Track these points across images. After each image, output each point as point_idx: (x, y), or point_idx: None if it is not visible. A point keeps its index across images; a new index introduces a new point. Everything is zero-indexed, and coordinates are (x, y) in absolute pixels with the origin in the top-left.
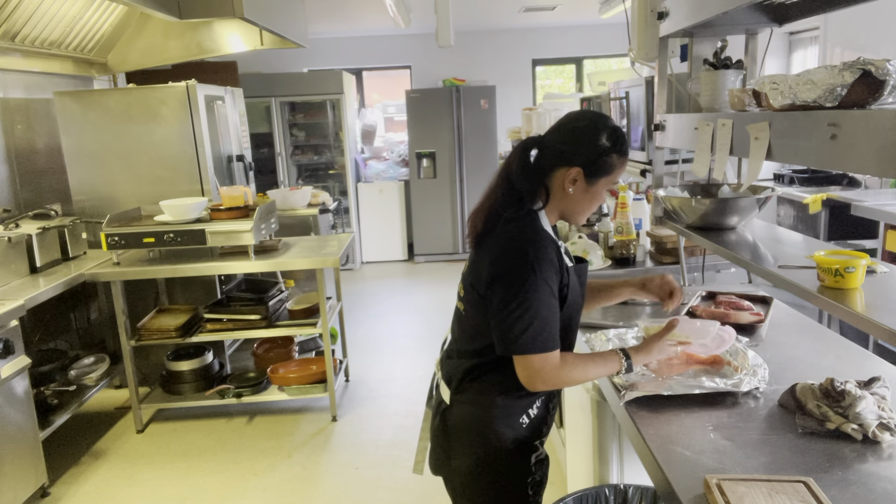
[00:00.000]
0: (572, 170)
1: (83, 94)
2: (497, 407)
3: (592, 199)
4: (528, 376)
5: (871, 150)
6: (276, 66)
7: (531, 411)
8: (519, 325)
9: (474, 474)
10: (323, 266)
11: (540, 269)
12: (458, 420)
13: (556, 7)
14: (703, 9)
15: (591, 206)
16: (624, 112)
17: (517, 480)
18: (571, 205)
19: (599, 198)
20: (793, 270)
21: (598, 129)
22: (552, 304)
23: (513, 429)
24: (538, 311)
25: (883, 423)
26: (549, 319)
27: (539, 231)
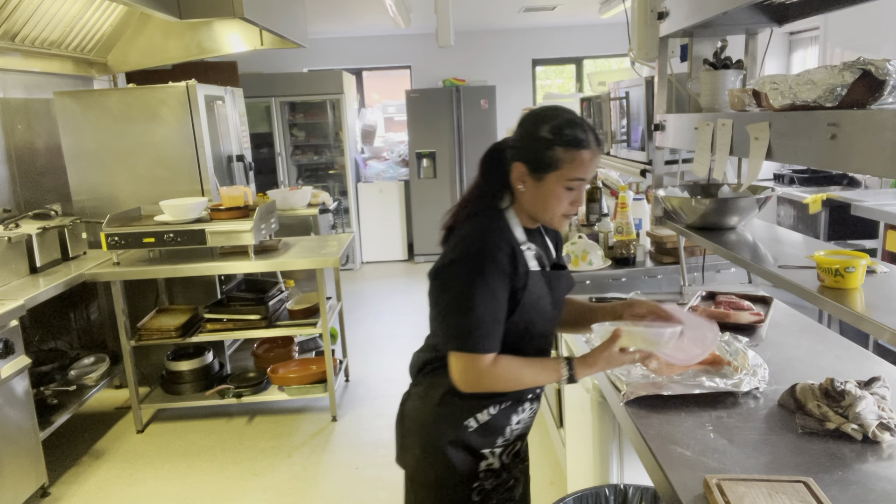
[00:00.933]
0: (517, 166)
1: (83, 94)
2: (442, 404)
3: (548, 198)
4: (454, 375)
5: (871, 150)
6: (276, 66)
7: (480, 416)
8: (451, 321)
9: (418, 469)
10: (323, 266)
11: (483, 267)
12: (410, 412)
13: (556, 7)
14: (703, 9)
15: (550, 204)
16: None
17: (459, 484)
18: (529, 204)
19: (558, 195)
20: (793, 270)
21: (540, 122)
22: (492, 304)
23: (455, 430)
24: (473, 309)
25: (883, 423)
26: (484, 319)
27: (496, 230)
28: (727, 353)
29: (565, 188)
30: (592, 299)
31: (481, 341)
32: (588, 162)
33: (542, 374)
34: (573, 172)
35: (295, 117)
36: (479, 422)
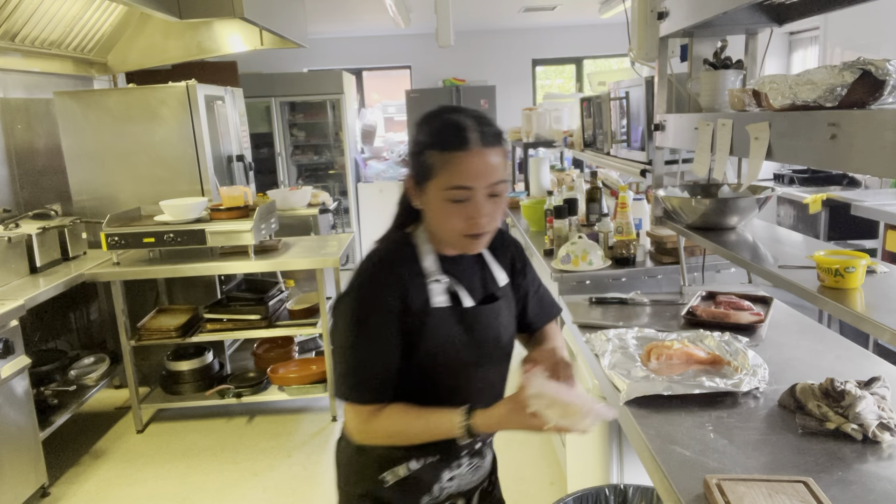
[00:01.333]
0: (407, 178)
1: (83, 94)
2: (360, 451)
3: (436, 214)
4: (345, 424)
5: (871, 150)
6: (276, 66)
7: (398, 470)
8: (336, 366)
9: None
10: (323, 266)
11: (362, 307)
12: (337, 451)
13: (556, 7)
14: (703, 9)
15: (440, 222)
16: (624, 112)
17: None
18: (429, 224)
19: (444, 210)
20: (793, 270)
21: (419, 124)
22: (372, 349)
23: (368, 483)
24: (350, 355)
25: (883, 423)
26: (362, 366)
27: (386, 261)
28: (727, 353)
29: (449, 200)
30: (592, 299)
31: (356, 390)
32: (469, 166)
33: (435, 428)
34: (451, 180)
35: (295, 117)
36: (397, 476)
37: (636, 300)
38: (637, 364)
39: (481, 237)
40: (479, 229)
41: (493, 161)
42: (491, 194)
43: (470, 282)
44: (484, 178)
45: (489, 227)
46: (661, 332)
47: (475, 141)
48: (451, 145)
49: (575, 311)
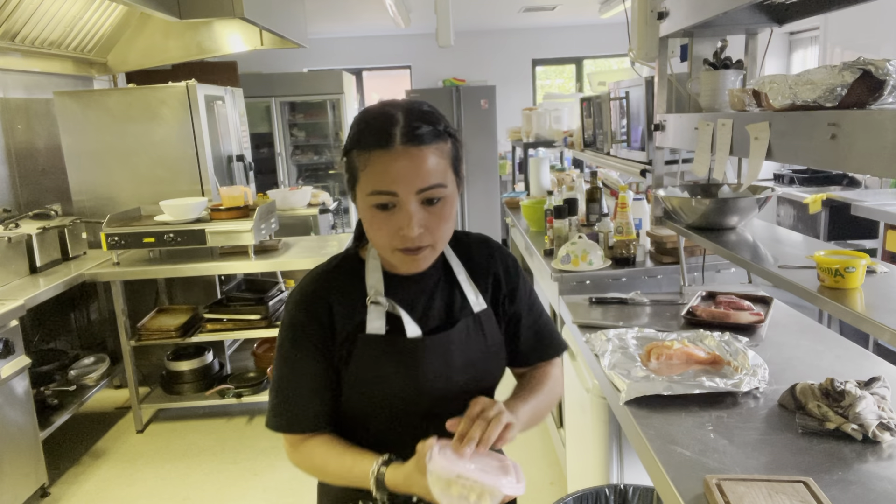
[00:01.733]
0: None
1: (83, 94)
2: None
3: (366, 223)
4: None
5: (871, 150)
6: (276, 66)
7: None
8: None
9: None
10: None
11: (286, 328)
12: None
13: (556, 7)
14: (703, 9)
15: (370, 233)
16: (624, 112)
17: None
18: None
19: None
20: (793, 270)
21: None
22: (292, 375)
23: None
24: (275, 380)
25: (883, 423)
26: (280, 393)
27: (318, 277)
28: (727, 353)
29: (374, 207)
30: (592, 299)
31: (277, 417)
32: (391, 167)
33: (349, 473)
34: (372, 183)
35: (295, 117)
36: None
37: (636, 300)
38: (637, 364)
39: (417, 253)
40: (411, 243)
41: (423, 162)
42: (426, 201)
43: (425, 306)
44: (410, 182)
45: (426, 240)
46: (661, 332)
47: (399, 137)
48: (372, 143)
49: (575, 311)
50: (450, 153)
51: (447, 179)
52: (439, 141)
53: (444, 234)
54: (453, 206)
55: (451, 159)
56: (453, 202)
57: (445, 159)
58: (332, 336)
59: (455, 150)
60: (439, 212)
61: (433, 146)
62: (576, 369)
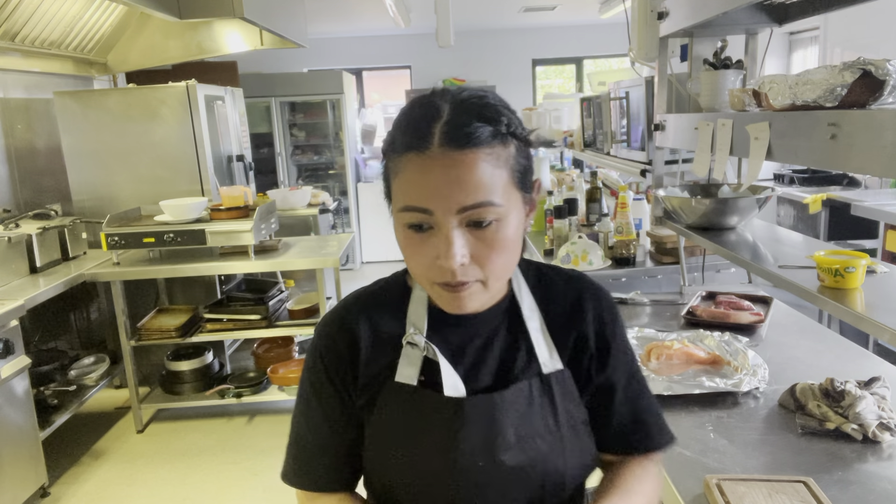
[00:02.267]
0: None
1: (83, 94)
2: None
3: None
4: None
5: (871, 150)
6: (276, 66)
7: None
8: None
9: None
10: (323, 266)
11: (306, 366)
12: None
13: (556, 7)
14: (703, 9)
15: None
16: (624, 112)
17: None
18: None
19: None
20: (793, 270)
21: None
22: (306, 423)
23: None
24: (294, 426)
25: (883, 423)
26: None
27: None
28: (727, 353)
29: (407, 227)
30: None
31: (287, 468)
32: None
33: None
34: (401, 197)
35: (295, 117)
36: None
37: (636, 300)
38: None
39: (460, 290)
40: (451, 277)
41: (468, 171)
42: (472, 223)
43: (477, 357)
44: (449, 197)
45: (471, 274)
46: (661, 332)
47: (438, 137)
48: (405, 144)
49: None
50: (512, 161)
51: (504, 196)
52: (496, 144)
53: (500, 267)
54: (515, 231)
55: (514, 169)
56: (514, 226)
57: (504, 169)
58: (355, 379)
59: (522, 157)
60: (491, 238)
61: (485, 150)
62: None
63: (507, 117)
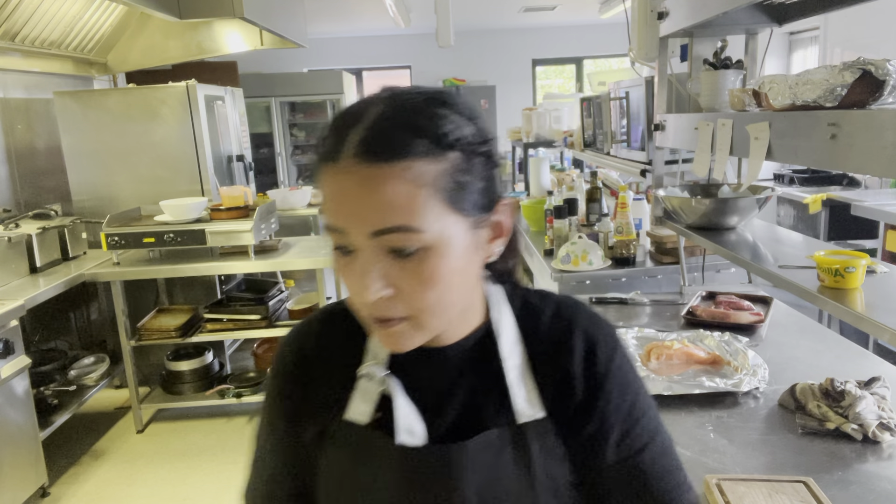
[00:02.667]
0: None
1: (83, 94)
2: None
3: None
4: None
5: (871, 150)
6: (276, 66)
7: None
8: None
9: None
10: (323, 266)
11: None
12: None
13: (556, 7)
14: (703, 9)
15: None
16: (624, 112)
17: None
18: None
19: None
20: (793, 270)
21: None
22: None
23: None
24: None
25: (883, 423)
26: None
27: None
28: (727, 353)
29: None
30: (592, 299)
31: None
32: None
33: None
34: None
35: (295, 117)
36: None
37: (636, 300)
38: (637, 364)
39: (388, 325)
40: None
41: (378, 189)
42: (394, 249)
43: (440, 398)
44: (361, 218)
45: (396, 309)
46: (661, 332)
47: (352, 146)
48: (322, 152)
49: None
50: (447, 178)
51: (433, 220)
52: (422, 157)
53: (433, 303)
54: (455, 262)
55: (449, 189)
56: (454, 257)
57: (431, 188)
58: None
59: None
60: (416, 270)
61: (404, 163)
62: None
63: (449, 125)
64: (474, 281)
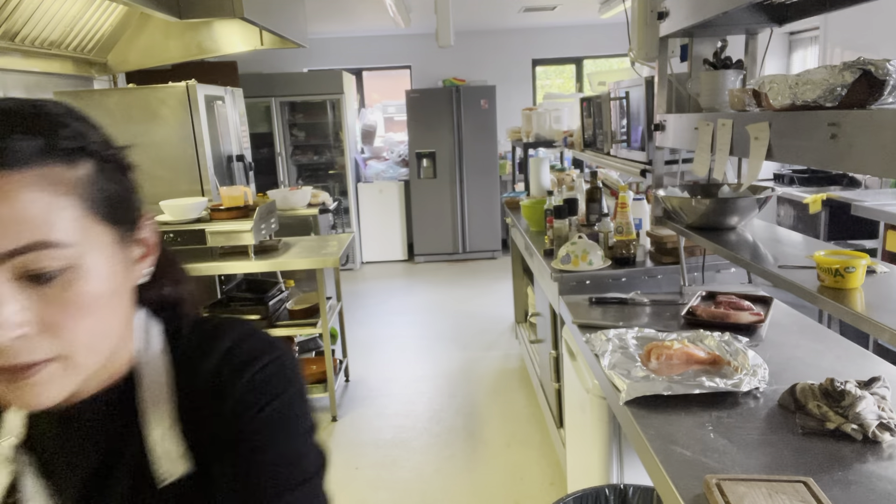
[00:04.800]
0: None
1: (83, 94)
2: None
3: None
4: None
5: (871, 150)
6: (276, 66)
7: None
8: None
9: None
10: (323, 266)
11: None
12: None
13: (556, 7)
14: (703, 9)
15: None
16: (624, 112)
17: None
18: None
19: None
20: (793, 270)
21: None
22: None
23: None
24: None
25: (883, 423)
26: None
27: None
28: (727, 353)
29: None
30: (592, 299)
31: None
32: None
33: None
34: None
35: (295, 117)
36: None
37: (636, 300)
38: (637, 364)
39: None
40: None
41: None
42: (30, 276)
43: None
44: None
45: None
46: (661, 332)
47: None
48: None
49: (575, 311)
50: (88, 186)
51: (76, 232)
52: (53, 163)
53: (88, 335)
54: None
55: (94, 198)
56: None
57: (72, 196)
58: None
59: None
60: (61, 296)
61: (34, 171)
62: (576, 369)
63: (73, 129)
64: (128, 308)
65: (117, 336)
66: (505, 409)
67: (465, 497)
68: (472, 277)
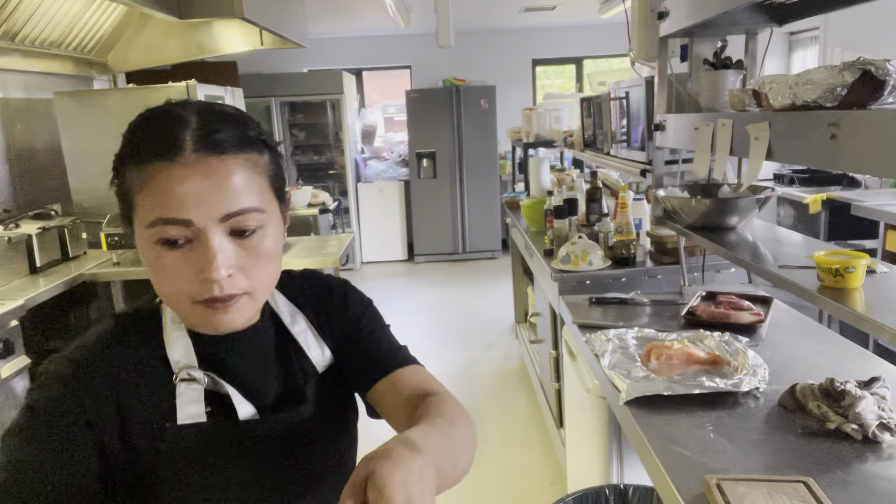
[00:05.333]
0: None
1: (83, 94)
2: None
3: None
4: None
5: (871, 150)
6: (276, 66)
7: None
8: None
9: None
10: (323, 266)
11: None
12: None
13: (556, 7)
14: (703, 9)
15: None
16: (624, 112)
17: None
18: None
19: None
20: (793, 270)
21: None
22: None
23: None
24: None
25: (883, 423)
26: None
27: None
28: (727, 353)
29: (158, 244)
30: (592, 299)
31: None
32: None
33: None
34: (151, 210)
35: (295, 117)
36: None
37: (636, 300)
38: (637, 364)
39: (228, 304)
40: (218, 290)
41: (227, 177)
42: (235, 231)
43: (253, 374)
44: (211, 205)
45: (239, 285)
46: (661, 332)
47: (191, 143)
48: (152, 152)
49: (575, 311)
50: (267, 168)
51: (265, 202)
52: (250, 150)
53: (266, 278)
54: (276, 240)
55: (270, 176)
56: (275, 235)
57: (263, 175)
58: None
59: (275, 164)
60: (256, 247)
61: (242, 156)
62: (576, 369)
63: (257, 126)
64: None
65: (276, 280)
66: (505, 409)
67: (465, 497)
68: (472, 277)
